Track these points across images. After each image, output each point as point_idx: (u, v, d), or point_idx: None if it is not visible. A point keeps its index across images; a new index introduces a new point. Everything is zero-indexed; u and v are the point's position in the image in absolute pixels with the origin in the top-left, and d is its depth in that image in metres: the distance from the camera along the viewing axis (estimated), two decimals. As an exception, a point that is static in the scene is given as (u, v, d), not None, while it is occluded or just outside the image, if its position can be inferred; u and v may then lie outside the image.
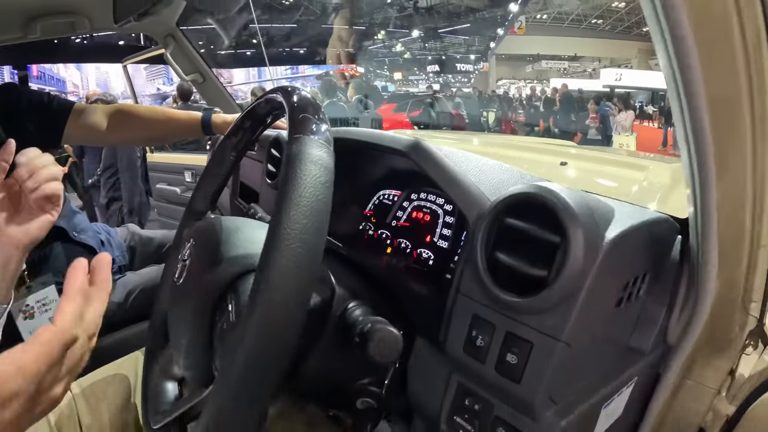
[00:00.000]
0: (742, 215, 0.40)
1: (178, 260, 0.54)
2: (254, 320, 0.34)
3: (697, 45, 0.31)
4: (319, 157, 0.39)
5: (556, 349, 0.40)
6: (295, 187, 0.37)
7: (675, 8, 0.30)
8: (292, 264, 0.35)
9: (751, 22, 0.31)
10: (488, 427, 0.47)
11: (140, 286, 1.28)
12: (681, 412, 0.59)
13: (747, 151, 0.36)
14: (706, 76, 0.32)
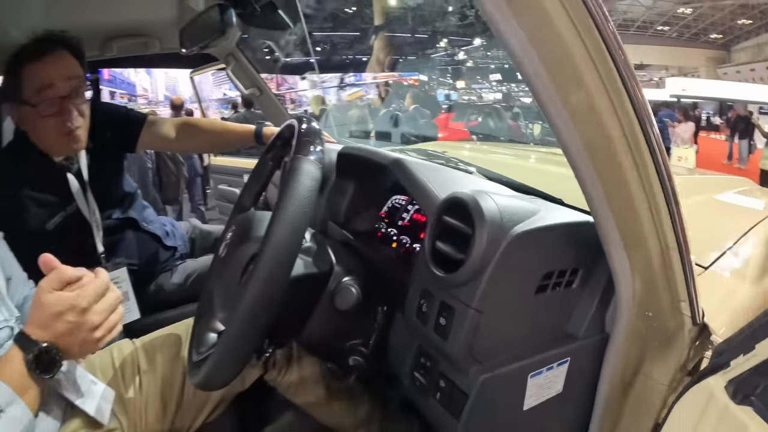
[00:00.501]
0: (638, 220, 0.49)
1: (222, 245, 0.72)
2: (258, 273, 0.52)
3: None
4: (309, 170, 0.56)
5: (468, 314, 0.52)
6: (291, 191, 0.54)
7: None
8: (278, 246, 0.52)
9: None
10: (435, 378, 0.60)
11: (198, 271, 1.44)
12: (636, 407, 0.65)
13: (625, 161, 0.45)
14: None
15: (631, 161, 0.46)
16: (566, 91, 0.41)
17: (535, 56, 0.39)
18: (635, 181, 0.47)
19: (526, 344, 0.57)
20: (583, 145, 0.42)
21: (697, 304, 0.58)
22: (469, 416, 0.57)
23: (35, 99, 1.06)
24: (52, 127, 1.09)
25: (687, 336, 0.60)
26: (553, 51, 0.39)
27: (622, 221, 0.49)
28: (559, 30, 0.38)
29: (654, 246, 0.52)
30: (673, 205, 0.48)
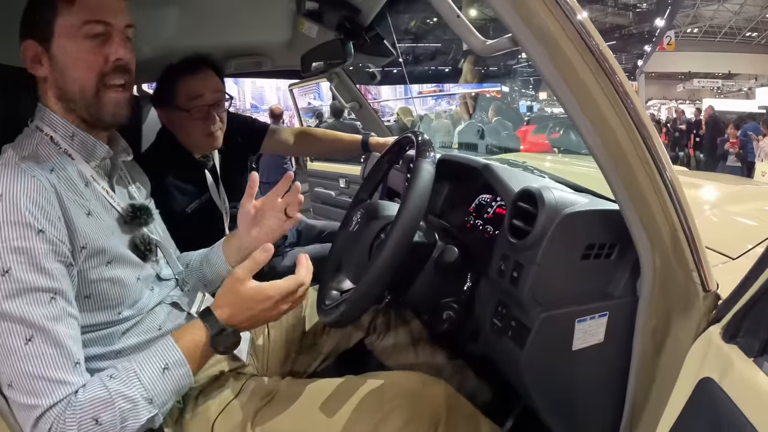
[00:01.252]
0: (650, 207, 0.69)
1: (352, 220, 1.00)
2: (390, 240, 0.78)
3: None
4: (427, 168, 0.83)
5: (533, 269, 0.78)
6: (416, 182, 0.81)
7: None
8: (406, 222, 0.79)
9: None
10: (508, 321, 0.85)
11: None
12: (668, 365, 0.80)
13: (636, 165, 0.67)
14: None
15: (640, 164, 0.67)
16: (589, 115, 0.65)
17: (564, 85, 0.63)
18: (644, 178, 0.68)
19: (574, 296, 0.81)
20: (608, 155, 0.66)
21: (705, 274, 0.75)
22: (530, 346, 0.81)
23: (188, 105, 1.30)
24: (198, 129, 1.33)
25: (702, 303, 0.76)
26: (575, 82, 0.63)
27: (639, 208, 0.70)
28: (575, 66, 0.62)
29: (664, 226, 0.71)
30: (674, 195, 0.69)
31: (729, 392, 0.63)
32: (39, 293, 0.66)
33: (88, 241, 0.74)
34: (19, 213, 0.66)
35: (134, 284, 0.82)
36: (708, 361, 0.71)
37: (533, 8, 0.59)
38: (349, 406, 0.84)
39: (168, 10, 1.31)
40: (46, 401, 0.64)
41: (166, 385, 0.72)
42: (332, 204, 3.14)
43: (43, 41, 0.75)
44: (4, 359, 0.64)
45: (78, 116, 0.79)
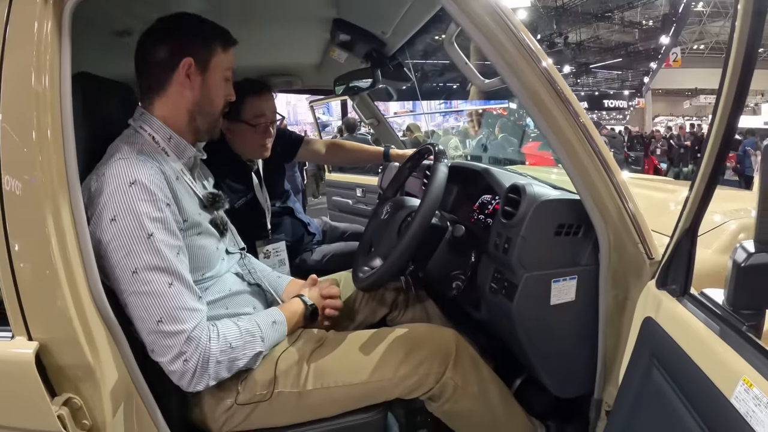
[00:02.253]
0: (599, 193, 0.95)
1: (382, 212, 1.28)
2: (415, 221, 1.06)
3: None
4: (443, 169, 1.12)
5: (518, 240, 1.06)
6: (435, 178, 1.10)
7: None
8: (428, 207, 1.07)
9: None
10: (501, 283, 1.13)
11: (331, 253, 1.99)
12: (630, 323, 0.99)
13: (587, 161, 0.96)
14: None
15: (590, 162, 0.94)
16: (553, 129, 0.94)
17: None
18: (595, 173, 0.95)
19: (550, 262, 1.09)
20: (567, 156, 0.94)
21: (648, 246, 0.99)
22: (518, 300, 1.08)
23: (253, 121, 1.55)
24: (257, 140, 1.59)
25: (649, 269, 0.98)
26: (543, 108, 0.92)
27: (592, 193, 0.96)
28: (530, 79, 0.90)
29: (612, 207, 0.96)
30: (617, 184, 0.95)
31: (661, 324, 0.86)
32: (172, 249, 0.91)
33: (188, 216, 0.97)
34: (151, 192, 0.88)
35: (214, 252, 1.07)
36: (647, 304, 0.94)
37: (517, 61, 0.89)
38: (380, 347, 1.10)
39: None
40: (189, 325, 0.90)
41: (272, 333, 1.05)
42: (349, 211, 3.39)
43: (200, 66, 0.99)
44: (155, 300, 0.87)
45: (194, 126, 1.04)
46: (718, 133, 0.73)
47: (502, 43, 0.90)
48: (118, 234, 0.86)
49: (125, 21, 1.24)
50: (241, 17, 1.42)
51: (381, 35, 1.60)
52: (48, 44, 0.80)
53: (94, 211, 0.88)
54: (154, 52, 0.98)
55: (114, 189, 0.87)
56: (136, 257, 0.86)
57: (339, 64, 1.91)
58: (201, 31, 1.00)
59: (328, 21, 1.52)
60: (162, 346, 0.89)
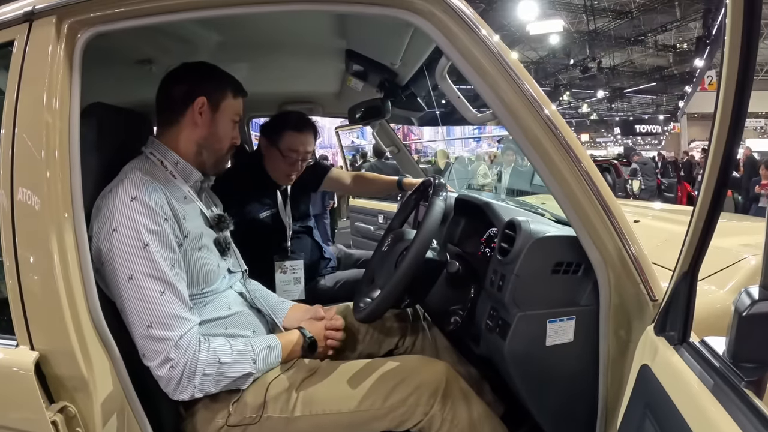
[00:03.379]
0: (599, 234, 0.93)
1: (384, 244, 1.29)
2: (407, 258, 1.07)
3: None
4: (439, 204, 1.12)
5: (512, 278, 1.04)
6: (429, 213, 1.11)
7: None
8: (420, 242, 1.07)
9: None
10: (496, 321, 1.11)
11: (344, 279, 2.03)
12: (629, 369, 0.93)
13: (584, 201, 0.93)
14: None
15: (587, 200, 0.92)
16: (548, 166, 0.93)
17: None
18: (591, 210, 0.93)
19: (546, 302, 1.06)
20: (563, 195, 0.93)
21: (651, 287, 0.95)
22: (510, 339, 1.05)
23: (285, 153, 1.67)
24: (283, 169, 1.71)
25: (652, 311, 0.93)
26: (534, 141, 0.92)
27: (590, 232, 0.94)
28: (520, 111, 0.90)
29: (612, 247, 0.93)
30: (616, 222, 0.92)
31: (656, 373, 0.81)
32: (167, 261, 0.97)
33: (188, 233, 1.05)
34: (149, 207, 0.97)
35: (215, 269, 1.12)
36: (645, 351, 0.89)
37: (517, 107, 0.90)
38: (371, 378, 1.10)
39: (236, 63, 1.60)
40: (177, 333, 0.95)
41: (266, 357, 1.07)
42: (370, 237, 3.44)
43: (212, 106, 1.10)
44: (146, 306, 0.94)
45: (200, 159, 1.13)
46: (714, 164, 0.67)
47: (499, 86, 0.91)
48: (118, 243, 0.94)
49: (145, 50, 1.32)
50: (261, 48, 1.49)
51: (391, 66, 1.64)
52: (59, 77, 0.87)
53: (100, 223, 0.97)
54: (174, 89, 1.10)
55: (117, 203, 0.96)
56: (132, 265, 0.94)
57: (356, 92, 1.97)
58: (217, 77, 1.13)
59: (342, 52, 1.57)
60: (151, 351, 0.95)
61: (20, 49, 0.89)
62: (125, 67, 1.40)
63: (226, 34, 1.32)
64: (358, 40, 1.46)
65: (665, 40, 16.46)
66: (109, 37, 0.93)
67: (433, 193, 1.17)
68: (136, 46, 1.27)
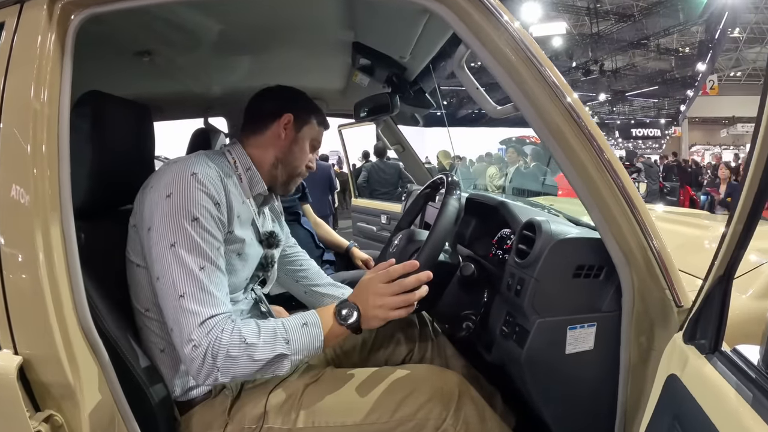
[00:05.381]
0: (624, 235, 0.88)
1: (393, 244, 1.23)
2: (421, 257, 1.00)
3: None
4: (452, 203, 1.06)
5: (531, 282, 0.98)
6: (443, 212, 1.04)
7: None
8: (433, 244, 1.02)
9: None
10: (513, 327, 1.05)
11: (348, 279, 1.92)
12: (651, 376, 0.89)
13: (612, 202, 0.87)
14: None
15: (610, 193, 0.87)
16: (571, 161, 0.87)
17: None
18: (618, 211, 0.87)
19: (566, 308, 1.00)
20: (588, 193, 0.87)
21: (677, 292, 0.90)
22: (529, 346, 1.00)
23: None
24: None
25: (677, 317, 0.90)
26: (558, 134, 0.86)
27: (615, 233, 0.89)
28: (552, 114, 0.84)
29: (636, 248, 0.88)
30: (643, 224, 0.87)
31: (687, 384, 0.76)
32: (213, 239, 0.94)
33: (234, 228, 1.01)
34: (206, 187, 0.94)
35: (242, 282, 1.10)
36: (673, 360, 0.84)
37: (538, 96, 0.84)
38: (378, 388, 1.04)
39: (238, 56, 1.57)
40: (208, 310, 0.89)
41: (302, 336, 0.93)
42: (373, 238, 3.36)
43: (297, 125, 1.13)
44: (183, 276, 0.89)
45: (273, 171, 1.13)
46: (759, 166, 0.63)
47: (520, 74, 0.85)
48: (169, 209, 0.92)
49: (144, 41, 1.26)
50: (265, 41, 1.44)
51: (400, 59, 1.57)
52: (49, 61, 0.81)
53: (153, 192, 0.96)
54: (267, 102, 1.15)
55: (176, 174, 0.95)
56: (177, 233, 0.91)
57: (362, 88, 1.90)
58: (307, 102, 1.18)
59: (348, 45, 1.50)
60: (177, 324, 0.89)
61: (10, 32, 0.83)
62: (123, 58, 1.34)
63: (228, 25, 1.26)
64: (366, 32, 1.39)
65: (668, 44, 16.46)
66: (106, 25, 0.88)
67: (447, 191, 1.11)
68: (134, 35, 1.21)
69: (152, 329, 1.02)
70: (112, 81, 1.48)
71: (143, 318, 1.03)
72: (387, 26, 1.30)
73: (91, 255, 0.91)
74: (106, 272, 1.00)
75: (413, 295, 0.95)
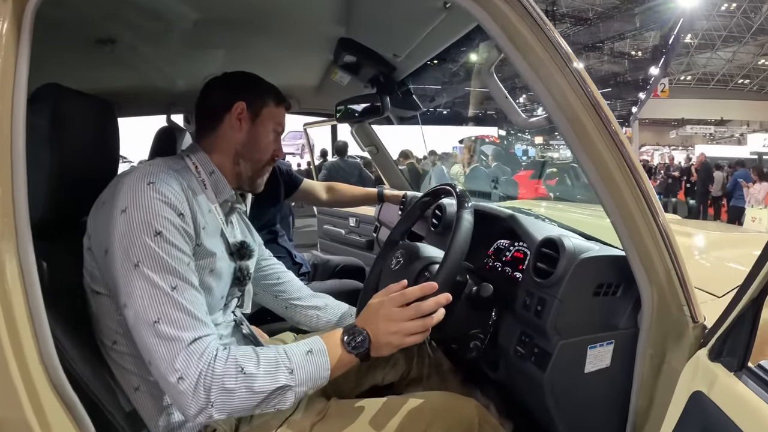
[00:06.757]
0: (649, 253, 0.84)
1: (391, 260, 1.13)
2: (439, 279, 0.91)
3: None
4: (467, 218, 0.97)
5: (555, 303, 0.92)
6: (459, 230, 0.95)
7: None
8: (449, 267, 0.92)
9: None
10: (531, 348, 0.98)
11: (324, 291, 1.87)
12: (664, 389, 0.91)
13: (638, 216, 0.82)
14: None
15: (642, 219, 0.83)
16: (607, 182, 0.81)
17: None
18: (645, 230, 0.84)
19: (587, 327, 0.95)
20: (619, 214, 0.82)
21: (694, 308, 0.88)
22: (551, 370, 0.95)
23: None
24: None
25: (692, 333, 0.89)
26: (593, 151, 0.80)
27: (640, 253, 0.85)
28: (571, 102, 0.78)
29: (660, 268, 0.86)
30: (668, 242, 0.84)
31: (716, 401, 0.76)
32: (181, 254, 0.82)
33: (203, 242, 0.89)
34: (166, 196, 0.83)
35: (218, 301, 0.97)
36: (698, 377, 0.83)
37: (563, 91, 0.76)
38: (393, 422, 0.94)
39: (209, 47, 1.45)
40: (189, 334, 0.77)
41: (307, 364, 0.82)
42: (340, 241, 3.23)
43: (251, 112, 1.01)
44: (154, 299, 0.77)
45: (235, 169, 1.01)
46: None
47: (560, 87, 0.78)
48: (127, 225, 0.81)
49: (108, 27, 1.11)
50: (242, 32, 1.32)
51: (392, 58, 1.47)
52: (1, 49, 0.65)
53: (106, 209, 0.84)
54: (214, 95, 1.02)
55: (130, 185, 0.84)
56: (140, 251, 0.80)
57: (339, 87, 1.80)
58: (257, 84, 1.05)
59: (333, 41, 1.40)
60: (157, 355, 0.77)
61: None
62: (83, 47, 1.19)
63: (201, 12, 1.13)
64: (360, 28, 1.29)
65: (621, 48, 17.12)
66: (67, 9, 0.73)
67: (459, 205, 1.02)
68: (97, 21, 1.06)
69: (122, 365, 0.88)
70: (70, 73, 1.31)
71: (111, 353, 0.88)
72: (389, 22, 1.20)
73: (53, 284, 0.77)
74: (73, 303, 0.86)
75: (431, 319, 0.87)
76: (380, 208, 2.56)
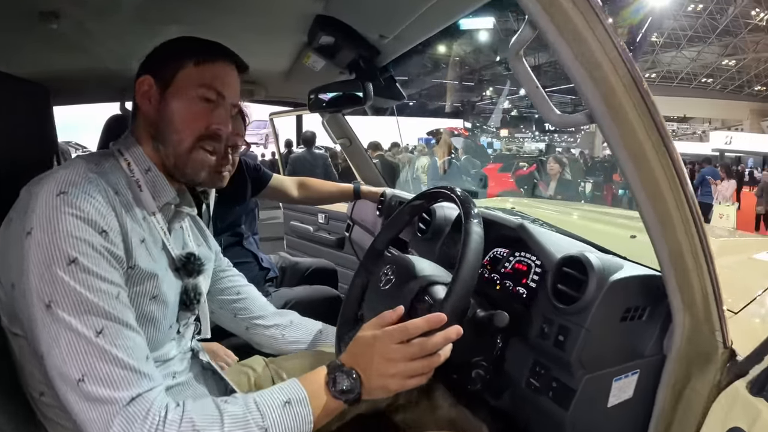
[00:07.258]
0: (688, 276, 0.74)
1: (379, 276, 0.97)
2: (448, 305, 0.76)
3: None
4: (477, 231, 0.82)
5: (582, 333, 0.79)
6: (471, 244, 0.80)
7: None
8: (465, 281, 0.77)
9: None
10: (548, 381, 0.85)
11: (294, 299, 1.71)
12: (683, 414, 0.84)
13: (680, 231, 0.71)
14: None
15: (683, 231, 0.72)
16: (649, 190, 0.68)
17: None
18: (687, 248, 0.73)
19: (613, 357, 0.83)
20: (661, 230, 0.70)
21: (726, 332, 0.80)
22: (575, 407, 0.82)
23: None
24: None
25: (720, 357, 0.81)
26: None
27: (679, 275, 0.75)
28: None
29: (697, 291, 0.77)
30: (710, 263, 0.74)
31: None
32: (106, 284, 0.65)
33: (137, 263, 0.72)
34: (80, 209, 0.65)
35: (165, 334, 0.79)
36: (736, 412, 0.77)
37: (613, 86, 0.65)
38: None
39: (167, 22, 1.24)
40: (125, 393, 0.61)
41: (285, 418, 0.67)
42: (308, 239, 3.05)
43: (160, 83, 0.79)
44: (75, 350, 0.61)
45: (161, 159, 0.80)
46: None
47: (610, 83, 0.66)
48: (33, 253, 0.63)
49: (52, 0, 0.92)
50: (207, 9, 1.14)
51: (377, 40, 1.29)
52: None
53: (13, 224, 0.67)
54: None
55: (38, 197, 0.66)
56: (50, 286, 0.62)
57: (312, 73, 1.60)
58: (169, 47, 0.83)
59: (309, 18, 1.21)
60: (88, 422, 0.60)
61: None
62: (23, 23, 1.01)
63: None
64: (342, 3, 1.10)
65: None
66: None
67: (465, 215, 0.86)
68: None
69: (54, 419, 0.71)
70: (6, 54, 1.12)
71: (40, 405, 0.71)
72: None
73: None
74: None
75: (438, 357, 0.72)
76: (353, 205, 2.38)
